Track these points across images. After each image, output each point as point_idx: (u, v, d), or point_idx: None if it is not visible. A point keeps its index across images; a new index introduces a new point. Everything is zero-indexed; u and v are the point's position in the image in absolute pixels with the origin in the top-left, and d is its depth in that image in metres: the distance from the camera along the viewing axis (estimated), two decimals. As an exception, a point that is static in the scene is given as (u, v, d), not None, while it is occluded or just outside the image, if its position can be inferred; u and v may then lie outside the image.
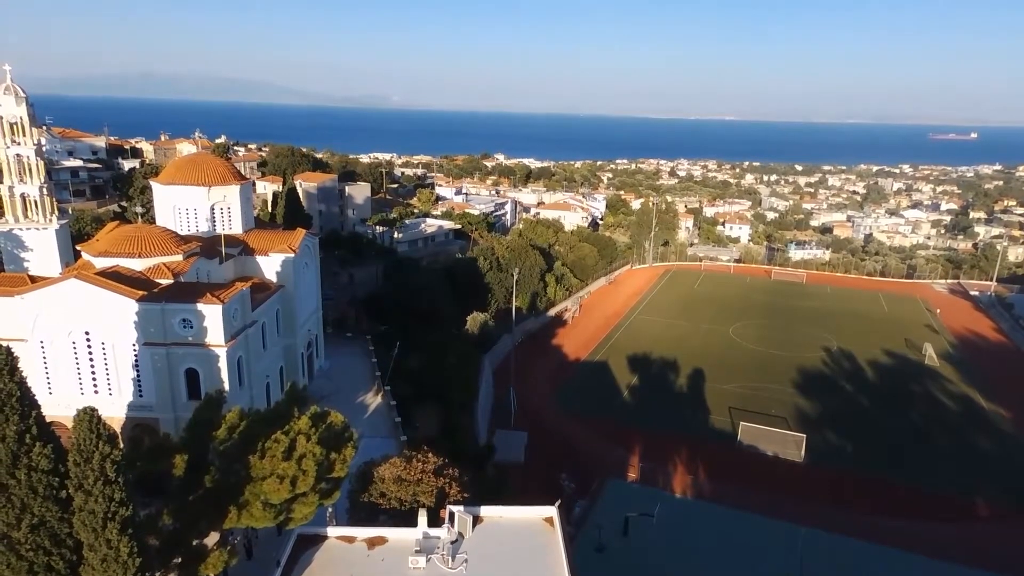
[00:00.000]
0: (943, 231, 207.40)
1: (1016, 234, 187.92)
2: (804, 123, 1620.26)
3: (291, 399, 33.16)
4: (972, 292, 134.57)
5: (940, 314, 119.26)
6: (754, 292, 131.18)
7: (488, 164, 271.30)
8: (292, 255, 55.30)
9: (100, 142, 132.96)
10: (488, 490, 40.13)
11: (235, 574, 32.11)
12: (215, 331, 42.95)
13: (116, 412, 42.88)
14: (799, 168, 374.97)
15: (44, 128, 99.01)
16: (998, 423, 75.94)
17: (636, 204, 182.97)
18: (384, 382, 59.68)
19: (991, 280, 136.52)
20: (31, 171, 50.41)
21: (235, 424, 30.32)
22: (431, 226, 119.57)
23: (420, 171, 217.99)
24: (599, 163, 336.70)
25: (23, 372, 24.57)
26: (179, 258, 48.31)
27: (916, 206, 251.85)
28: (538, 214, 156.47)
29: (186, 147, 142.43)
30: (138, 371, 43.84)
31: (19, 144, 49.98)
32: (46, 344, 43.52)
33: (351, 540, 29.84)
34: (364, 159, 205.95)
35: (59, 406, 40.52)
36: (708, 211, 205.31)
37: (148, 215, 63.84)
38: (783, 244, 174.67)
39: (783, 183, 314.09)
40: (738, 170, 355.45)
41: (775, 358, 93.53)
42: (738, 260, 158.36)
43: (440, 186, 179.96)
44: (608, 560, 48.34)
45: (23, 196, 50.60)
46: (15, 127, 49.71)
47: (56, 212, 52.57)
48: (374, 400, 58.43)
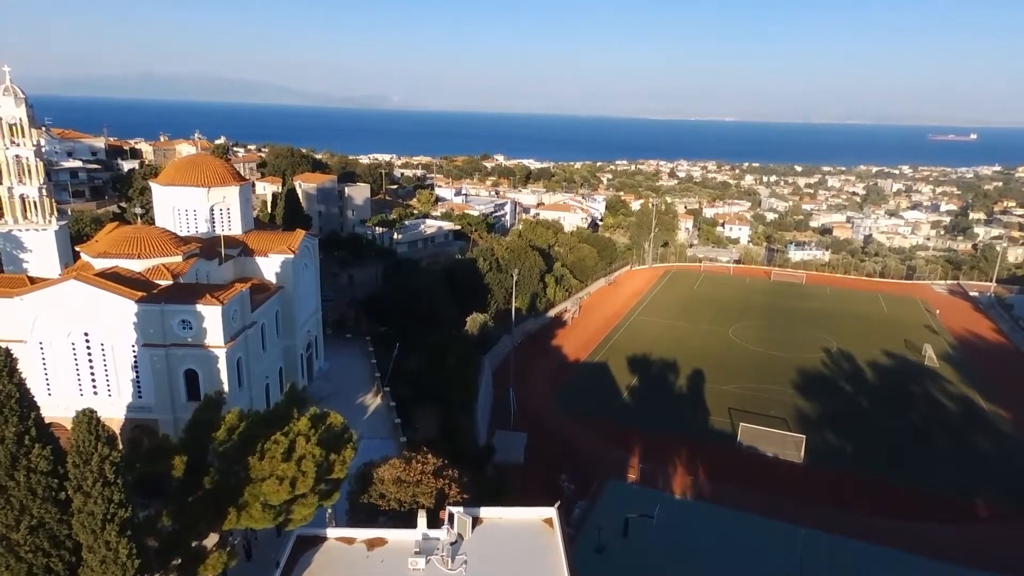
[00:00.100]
0: (943, 232, 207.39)
1: (1016, 235, 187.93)
2: (804, 124, 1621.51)
3: (291, 400, 33.16)
4: (972, 293, 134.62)
5: (940, 315, 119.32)
6: (754, 293, 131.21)
7: (488, 165, 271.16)
8: (292, 256, 55.31)
9: (99, 143, 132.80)
10: (488, 491, 40.11)
11: (234, 575, 32.09)
12: (214, 332, 42.97)
13: (115, 413, 42.87)
14: (799, 169, 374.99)
15: (43, 129, 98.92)
16: (998, 424, 75.97)
17: (636, 205, 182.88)
18: (384, 383, 59.67)
19: (991, 281, 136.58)
20: (30, 172, 50.36)
21: (234, 425, 30.32)
22: (431, 227, 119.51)
23: (420, 172, 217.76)
24: (599, 164, 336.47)
25: (22, 373, 24.54)
26: (178, 259, 48.32)
27: (916, 207, 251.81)
28: (538, 215, 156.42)
29: (186, 148, 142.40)
30: (137, 372, 43.86)
31: (18, 145, 49.91)
32: (45, 345, 43.53)
33: (350, 541, 29.85)
34: (364, 160, 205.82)
35: (58, 407, 40.43)
36: (708, 212, 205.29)
37: (147, 216, 63.79)
38: (783, 245, 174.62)
39: (783, 184, 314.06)
40: (738, 171, 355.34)
41: (775, 359, 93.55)
42: (738, 261, 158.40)
43: (440, 187, 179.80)
44: (608, 561, 48.31)
45: (22, 197, 50.52)
46: (14, 128, 49.63)
47: (55, 213, 52.49)
48: (374, 401, 58.44)
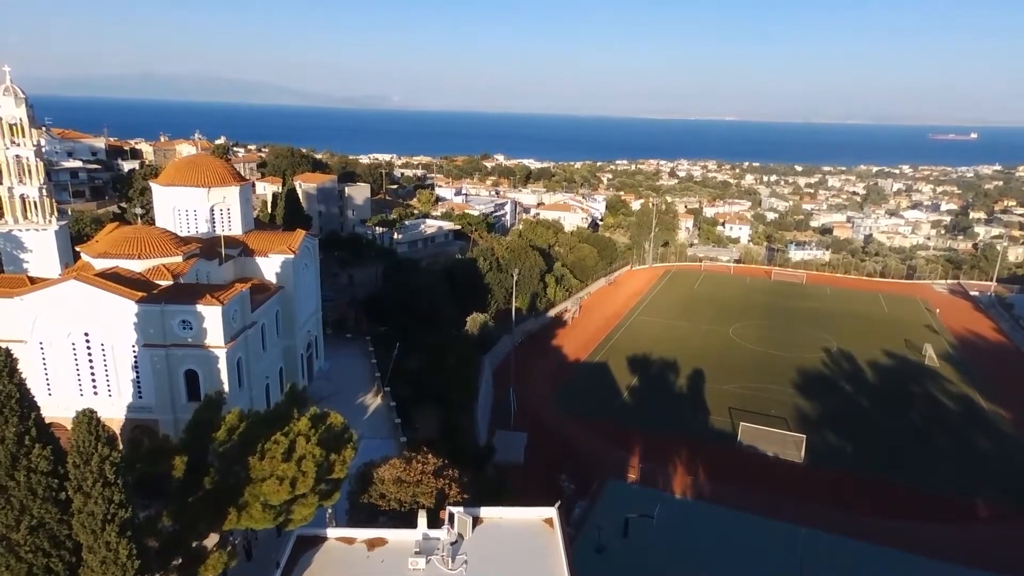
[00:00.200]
0: (943, 231, 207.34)
1: (1016, 234, 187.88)
2: (804, 123, 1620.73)
3: (291, 400, 33.17)
4: (972, 292, 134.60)
5: (940, 314, 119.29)
6: (754, 293, 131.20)
7: (488, 165, 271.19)
8: (292, 256, 55.31)
9: (100, 143, 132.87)
10: (488, 491, 40.10)
11: (234, 575, 32.10)
12: (215, 332, 42.98)
13: (116, 413, 42.89)
14: (799, 169, 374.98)
15: (44, 129, 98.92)
16: (998, 423, 75.95)
17: (636, 205, 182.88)
18: (384, 383, 59.68)
19: (991, 280, 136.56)
20: (31, 172, 50.39)
21: (235, 425, 30.32)
22: (431, 227, 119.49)
23: (420, 172, 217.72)
24: (599, 164, 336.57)
25: (22, 373, 24.54)
26: (179, 259, 48.32)
27: (916, 206, 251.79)
28: (538, 215, 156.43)
29: (186, 148, 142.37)
30: (138, 372, 43.87)
31: (19, 145, 49.95)
32: (45, 345, 43.54)
33: (351, 541, 29.85)
34: (364, 160, 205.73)
35: (58, 407, 40.48)
36: (708, 211, 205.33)
37: (148, 216, 63.81)
38: (783, 245, 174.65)
39: (783, 184, 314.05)
40: (738, 170, 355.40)
41: (775, 359, 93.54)
42: (738, 261, 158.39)
43: (440, 187, 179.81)
44: (608, 561, 48.32)
45: (23, 197, 50.57)
46: (15, 128, 49.68)
47: (55, 213, 52.52)
48: (374, 401, 58.44)
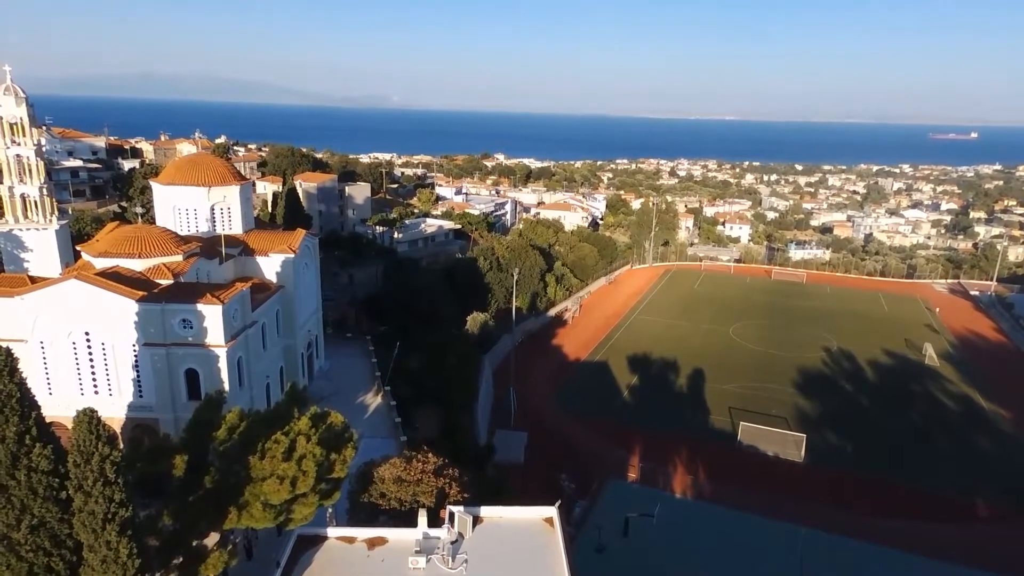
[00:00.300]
0: (943, 231, 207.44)
1: (1016, 234, 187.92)
2: (804, 123, 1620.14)
3: (291, 400, 33.16)
4: (972, 292, 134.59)
5: (940, 314, 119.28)
6: (754, 292, 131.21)
7: (488, 164, 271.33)
8: (292, 255, 55.31)
9: (100, 142, 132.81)
10: (488, 490, 40.08)
11: (235, 575, 32.12)
12: (215, 331, 42.97)
13: (116, 413, 42.90)
14: (799, 168, 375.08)
15: (44, 128, 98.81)
16: (998, 423, 75.95)
17: (636, 204, 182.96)
18: (384, 383, 59.69)
19: (991, 280, 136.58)
20: (31, 171, 50.40)
21: (235, 425, 30.33)
22: (431, 226, 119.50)
23: (420, 171, 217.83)
24: (599, 163, 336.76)
25: (23, 373, 24.57)
26: (179, 258, 48.32)
27: (916, 206, 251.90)
28: (538, 214, 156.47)
29: (186, 147, 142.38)
30: (138, 371, 43.87)
31: (19, 144, 49.97)
32: (46, 345, 43.54)
33: (351, 540, 29.84)
34: (364, 159, 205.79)
35: (59, 407, 40.46)
36: (708, 211, 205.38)
37: (148, 215, 63.83)
38: (783, 244, 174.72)
39: (783, 183, 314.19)
40: (738, 170, 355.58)
41: (775, 358, 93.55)
42: (738, 260, 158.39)
43: (440, 186, 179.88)
44: (608, 561, 48.33)
45: (23, 196, 50.59)
46: (15, 127, 49.69)
47: (56, 212, 52.56)
48: (374, 401, 58.44)
